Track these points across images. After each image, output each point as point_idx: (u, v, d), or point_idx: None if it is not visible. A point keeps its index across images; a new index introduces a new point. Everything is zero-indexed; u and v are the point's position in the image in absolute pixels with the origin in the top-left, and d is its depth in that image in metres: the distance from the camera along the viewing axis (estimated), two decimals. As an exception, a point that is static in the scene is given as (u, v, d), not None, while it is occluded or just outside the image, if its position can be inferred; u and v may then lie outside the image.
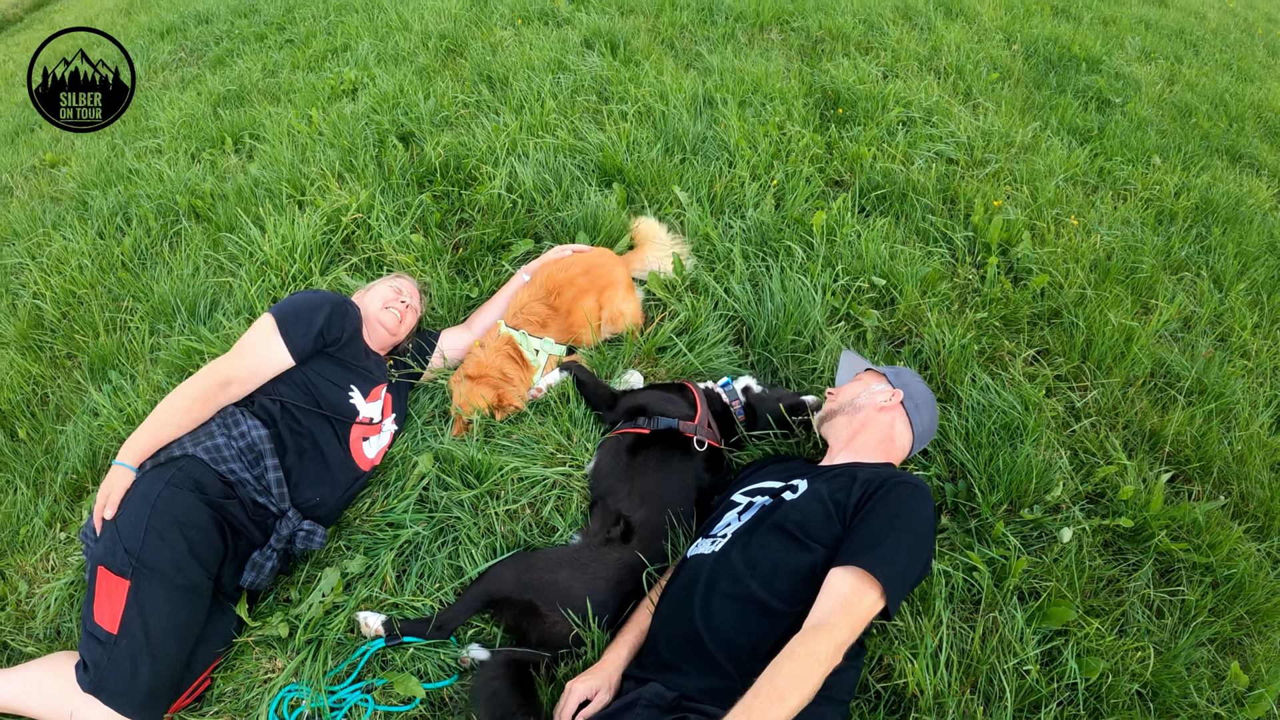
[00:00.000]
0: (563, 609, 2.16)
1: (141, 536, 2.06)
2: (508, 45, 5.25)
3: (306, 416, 2.45)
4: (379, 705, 2.09)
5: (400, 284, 3.04)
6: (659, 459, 2.49)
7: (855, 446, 2.29)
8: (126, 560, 2.03)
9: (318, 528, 2.36)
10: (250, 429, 2.34)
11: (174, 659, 2.06)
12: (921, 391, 2.44)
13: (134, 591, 2.02)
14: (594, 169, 3.89)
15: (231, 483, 2.27)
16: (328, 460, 2.45)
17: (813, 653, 1.64)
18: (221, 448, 2.29)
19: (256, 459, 2.32)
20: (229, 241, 3.60)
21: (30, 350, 3.43)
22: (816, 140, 4.17)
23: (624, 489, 2.42)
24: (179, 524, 2.10)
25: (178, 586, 2.06)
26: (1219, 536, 2.45)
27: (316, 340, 2.51)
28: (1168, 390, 3.04)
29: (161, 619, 2.03)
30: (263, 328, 2.46)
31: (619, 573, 2.25)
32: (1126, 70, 5.69)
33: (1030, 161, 4.22)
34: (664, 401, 2.65)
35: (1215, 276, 3.72)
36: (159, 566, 2.04)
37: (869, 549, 1.83)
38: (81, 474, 2.83)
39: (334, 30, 5.89)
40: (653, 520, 2.36)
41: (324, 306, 2.55)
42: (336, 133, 4.27)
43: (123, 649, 1.99)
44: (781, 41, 5.51)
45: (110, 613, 2.01)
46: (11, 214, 4.36)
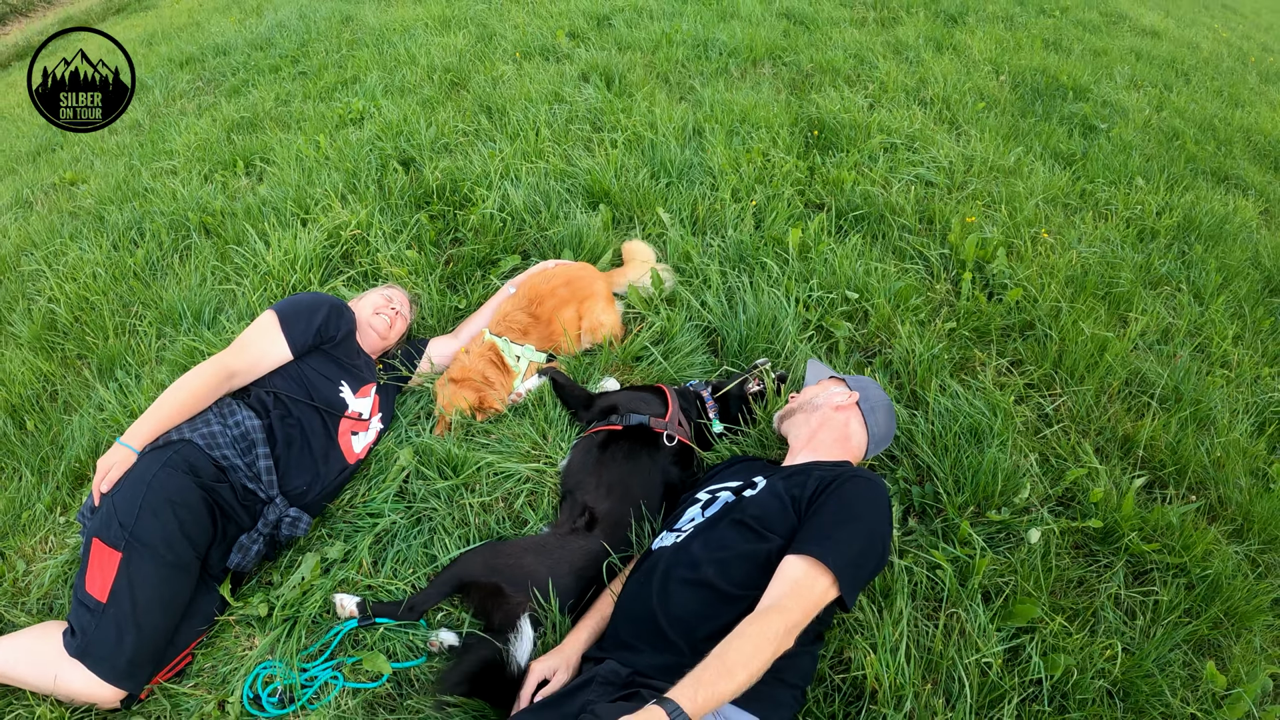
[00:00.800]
0: (527, 591, 2.23)
1: (136, 512, 2.16)
2: (508, 79, 5.45)
3: (298, 407, 2.58)
4: (348, 681, 2.16)
5: (391, 293, 3.20)
6: (626, 453, 2.59)
7: (814, 446, 2.35)
8: (120, 534, 2.13)
9: (303, 515, 2.47)
10: (245, 419, 2.47)
11: (158, 631, 2.15)
12: (878, 396, 2.52)
13: (125, 564, 2.11)
14: (582, 192, 4.05)
15: (224, 468, 2.39)
16: (314, 450, 2.57)
17: (763, 632, 1.67)
18: (217, 434, 2.41)
19: (249, 447, 2.44)
20: (235, 254, 3.76)
21: (43, 350, 3.58)
22: (799, 165, 4.30)
23: (592, 482, 2.52)
24: (172, 503, 2.21)
25: (167, 562, 2.16)
26: (1193, 538, 2.47)
27: (315, 336, 2.68)
28: (1141, 398, 3.07)
29: (149, 591, 2.13)
30: (265, 323, 2.62)
31: (581, 560, 2.33)
32: (1114, 98, 5.80)
33: (1010, 184, 4.32)
34: (636, 401, 2.75)
35: (1196, 290, 3.78)
36: (150, 541, 2.15)
37: (821, 538, 1.87)
38: (84, 462, 2.95)
39: (345, 63, 6.12)
40: (616, 511, 2.45)
41: (322, 306, 2.72)
42: (342, 157, 4.45)
43: (110, 617, 2.08)
44: (773, 75, 5.67)
45: (101, 582, 2.10)
46: (31, 226, 4.54)
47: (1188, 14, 9.36)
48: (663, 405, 2.74)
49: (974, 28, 6.90)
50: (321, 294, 2.86)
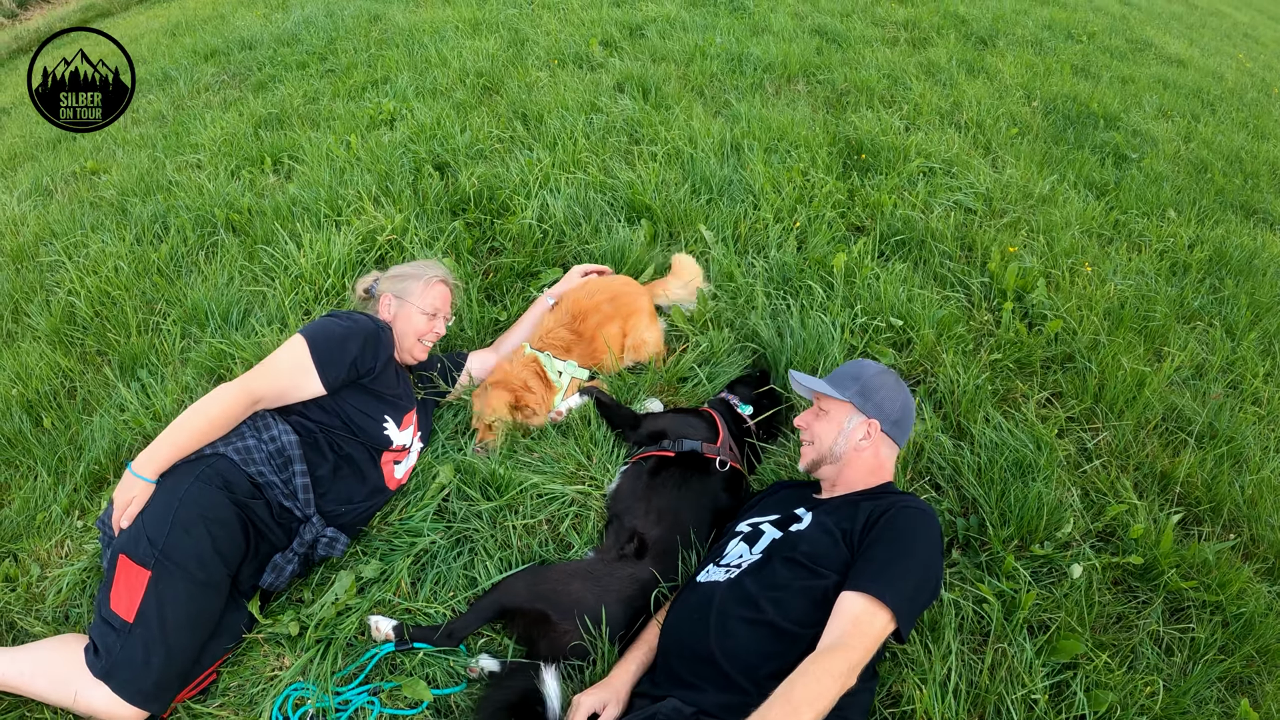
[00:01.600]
0: (574, 619, 2.18)
1: (167, 529, 2.08)
2: (543, 85, 5.41)
3: (344, 442, 2.48)
4: (385, 708, 2.09)
5: (436, 302, 2.83)
6: (678, 479, 2.54)
7: (849, 482, 2.30)
8: (150, 551, 2.05)
9: (340, 535, 2.40)
10: (280, 434, 2.36)
11: (186, 651, 2.08)
12: (894, 406, 2.35)
13: (154, 582, 2.04)
14: (623, 205, 4.00)
15: (260, 484, 2.29)
16: (356, 477, 2.48)
17: (828, 670, 1.68)
18: (252, 449, 2.31)
19: (285, 464, 2.35)
20: (265, 254, 3.71)
21: (61, 344, 3.51)
22: (839, 187, 4.27)
23: (641, 507, 2.46)
24: (204, 519, 2.13)
25: (198, 581, 2.08)
26: (1229, 576, 2.45)
27: (349, 371, 2.45)
28: (1179, 434, 3.06)
29: (179, 611, 2.05)
30: (296, 351, 2.38)
31: (630, 588, 2.28)
32: (1144, 127, 5.79)
33: (1047, 213, 4.30)
34: (686, 425, 2.71)
35: (1228, 326, 3.76)
36: (181, 560, 2.07)
37: (877, 574, 1.87)
38: (104, 465, 2.88)
39: (374, 63, 6.07)
40: (667, 538, 2.39)
41: (356, 335, 2.47)
42: (374, 159, 4.40)
43: (137, 637, 2.01)
44: (808, 93, 5.65)
45: (128, 601, 2.03)
46: (51, 215, 4.48)
47: (1211, 43, 9.38)
48: (712, 430, 2.70)
49: (1004, 51, 6.90)
50: (354, 316, 2.55)
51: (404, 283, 2.81)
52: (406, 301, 2.77)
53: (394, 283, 2.82)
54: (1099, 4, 9.50)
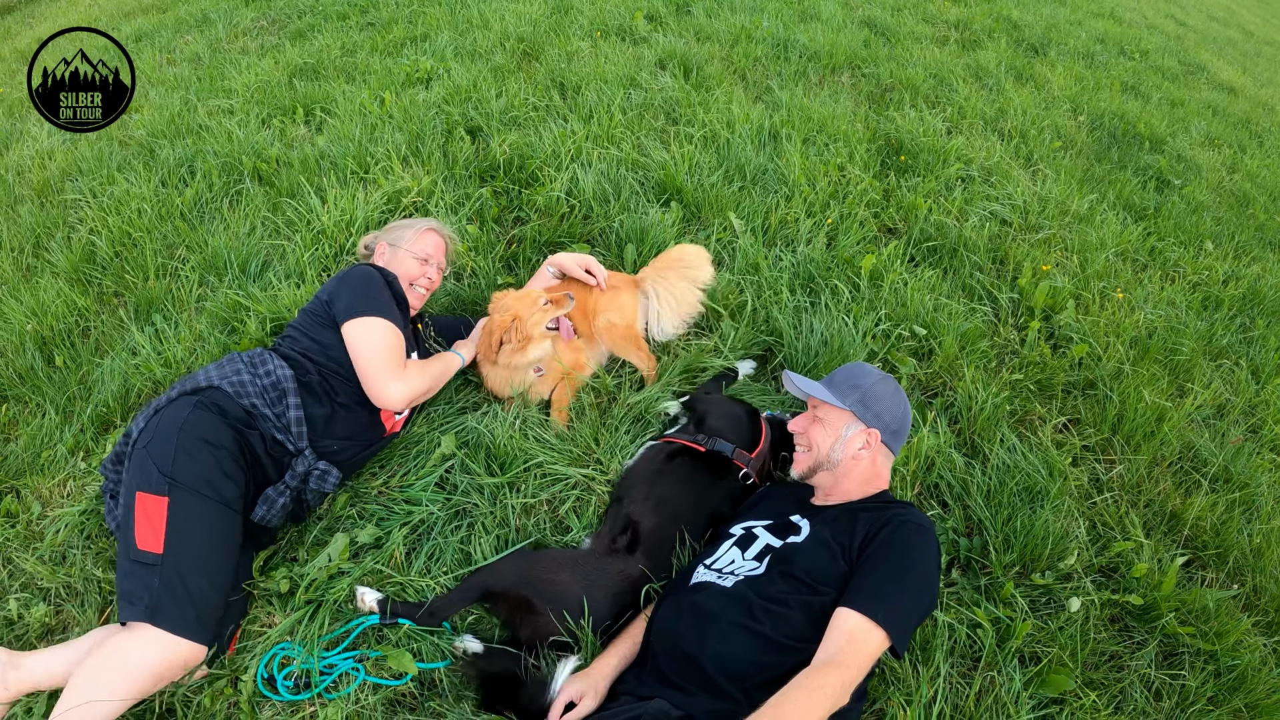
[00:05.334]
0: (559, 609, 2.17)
1: (173, 455, 2.11)
2: (583, 56, 5.34)
3: (340, 381, 2.50)
4: (369, 676, 2.10)
5: (429, 248, 2.94)
6: (689, 472, 2.50)
7: (845, 491, 2.27)
8: (161, 479, 2.07)
9: (332, 469, 2.41)
10: (276, 368, 2.40)
11: (221, 573, 2.09)
12: (894, 416, 2.30)
13: (173, 506, 2.05)
14: (654, 186, 3.95)
15: (253, 415, 2.32)
16: (352, 418, 2.50)
17: (821, 686, 1.68)
18: (246, 383, 2.35)
19: (280, 396, 2.37)
20: (288, 207, 3.69)
21: (79, 283, 3.52)
22: (875, 186, 4.20)
23: (643, 491, 2.43)
24: (206, 442, 2.16)
25: (213, 500, 2.11)
26: (1227, 626, 2.42)
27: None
28: (1193, 474, 3.01)
29: (204, 530, 2.07)
30: (375, 326, 2.49)
31: (619, 584, 2.26)
32: (1189, 153, 5.67)
33: (1083, 232, 4.22)
34: (730, 421, 2.63)
35: (1254, 368, 3.68)
36: (192, 482, 2.09)
37: (873, 592, 1.87)
38: (111, 408, 2.88)
39: (415, 19, 6.00)
40: (659, 531, 2.36)
41: (376, 278, 2.60)
42: (407, 118, 4.36)
43: (171, 566, 2.00)
44: (851, 86, 5.56)
45: (153, 534, 2.03)
46: (79, 152, 4.48)
47: (1264, 73, 9.16)
48: (754, 437, 2.62)
49: (1055, 61, 6.75)
50: (362, 269, 2.65)
51: (397, 232, 2.97)
52: (399, 248, 2.90)
53: (388, 233, 2.98)
54: (1154, 22, 9.30)
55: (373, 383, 2.45)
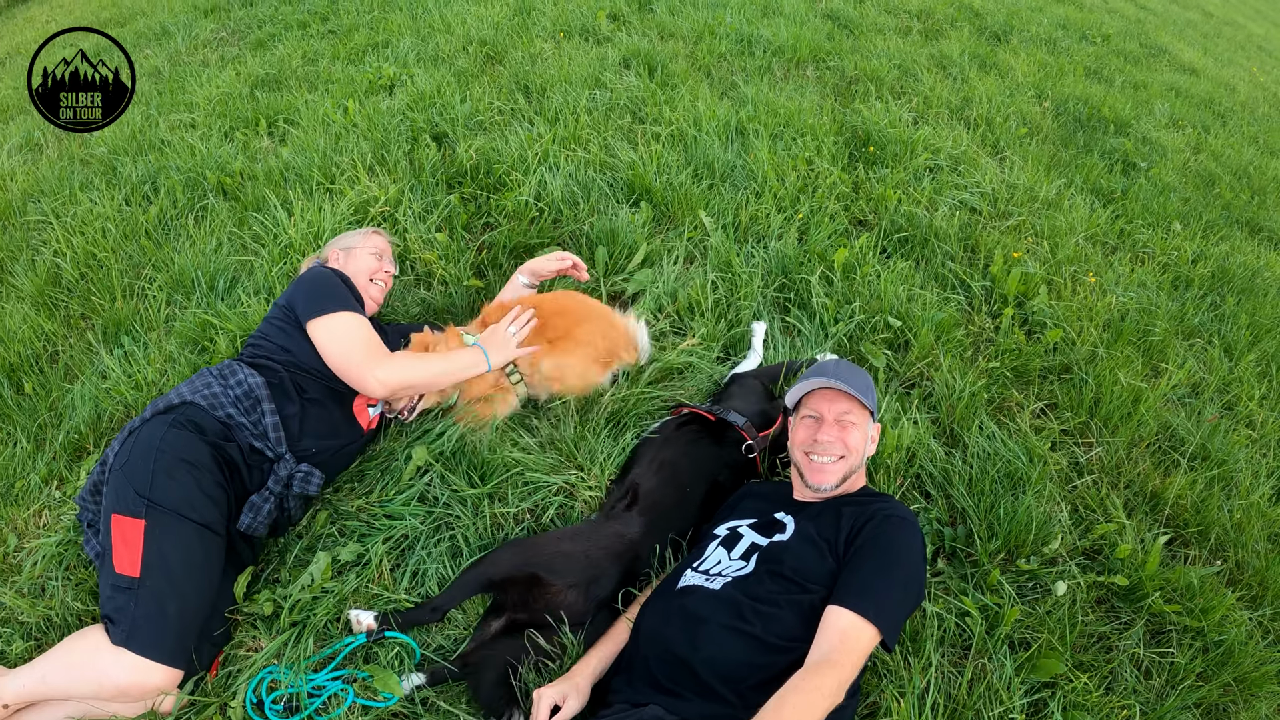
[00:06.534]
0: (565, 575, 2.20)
1: (150, 477, 2.06)
2: (547, 57, 5.30)
3: (311, 383, 2.48)
4: (359, 698, 2.07)
5: (380, 247, 2.99)
6: (694, 437, 2.56)
7: (846, 488, 2.26)
8: (138, 500, 2.03)
9: (315, 471, 2.38)
10: (246, 377, 2.37)
11: (199, 595, 2.06)
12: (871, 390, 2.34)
13: (150, 530, 2.01)
14: (623, 186, 3.92)
15: (229, 426, 2.29)
16: (327, 418, 2.48)
17: (818, 688, 1.70)
18: (219, 394, 2.32)
19: (254, 405, 2.34)
20: (254, 221, 3.62)
21: (45, 307, 3.44)
22: (844, 179, 4.20)
23: (649, 454, 2.51)
24: (184, 462, 2.12)
25: (192, 522, 2.07)
26: (1212, 602, 2.44)
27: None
28: (1171, 453, 3.04)
29: (182, 553, 2.03)
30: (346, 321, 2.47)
31: (618, 544, 2.29)
32: (1154, 135, 5.73)
33: (1052, 217, 4.25)
34: (753, 399, 2.74)
35: (1227, 345, 3.73)
36: (170, 504, 2.05)
37: (863, 589, 1.89)
38: (83, 434, 2.82)
39: (377, 26, 5.93)
40: (658, 492, 2.40)
41: (333, 278, 2.60)
42: (371, 126, 4.31)
43: (147, 590, 1.97)
44: (817, 79, 5.56)
45: (130, 558, 1.99)
46: (41, 171, 4.38)
47: (1225, 53, 9.29)
48: (768, 420, 2.69)
49: (1018, 48, 6.80)
50: (316, 269, 2.69)
51: (345, 239, 3.00)
52: (353, 249, 2.92)
53: (336, 242, 3.00)
54: (1114, 6, 9.40)
55: (353, 374, 2.43)
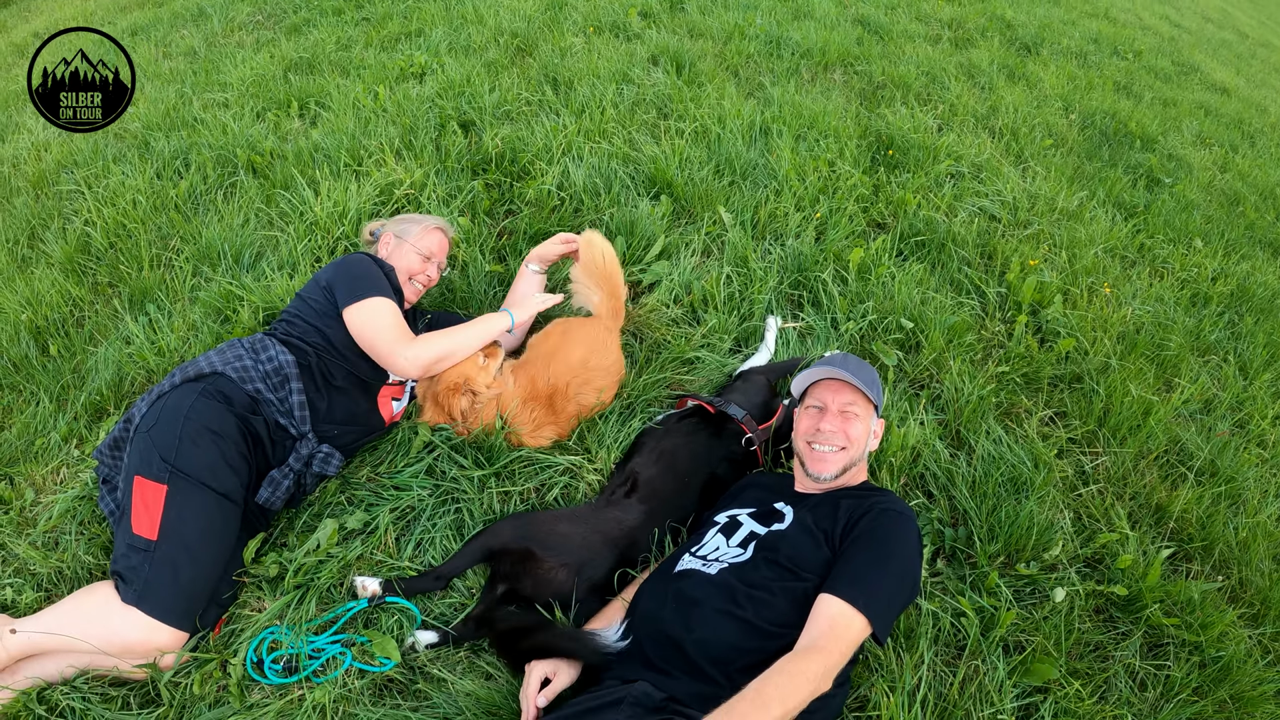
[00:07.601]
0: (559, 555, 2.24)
1: (176, 443, 2.12)
2: (577, 51, 5.34)
3: (340, 369, 2.53)
4: (356, 661, 2.12)
5: (432, 246, 2.93)
6: (692, 428, 2.61)
7: (844, 482, 2.30)
8: (163, 466, 2.08)
9: (335, 452, 2.44)
10: (278, 354, 2.42)
11: (213, 563, 2.11)
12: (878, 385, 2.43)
13: (171, 496, 2.06)
14: (644, 179, 3.96)
15: (257, 400, 2.34)
16: (355, 407, 2.55)
17: (803, 671, 1.71)
18: (249, 368, 2.37)
19: (282, 382, 2.40)
20: (282, 199, 3.70)
21: (74, 273, 3.53)
22: (865, 181, 4.22)
23: (650, 443, 2.55)
24: (210, 431, 2.18)
25: (212, 491, 2.12)
26: (1212, 617, 2.44)
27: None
28: (1179, 467, 3.03)
29: (200, 521, 2.09)
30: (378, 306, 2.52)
31: (615, 530, 2.33)
32: (1180, 152, 5.68)
33: (1072, 228, 4.24)
34: (754, 393, 2.79)
35: (1242, 364, 3.70)
36: (194, 471, 2.10)
37: (855, 579, 1.91)
38: (105, 396, 2.89)
39: (410, 14, 6.00)
40: (658, 480, 2.45)
41: (371, 266, 2.63)
42: (400, 111, 4.37)
43: (163, 554, 2.02)
44: (844, 83, 5.56)
45: (149, 520, 2.05)
46: (74, 143, 4.48)
47: (1258, 74, 9.19)
48: (768, 413, 2.74)
49: (1047, 60, 6.77)
50: (358, 255, 2.70)
51: (405, 225, 2.96)
52: (405, 241, 2.91)
53: (397, 224, 2.98)
54: (1149, 23, 9.30)
55: (385, 357, 2.49)
